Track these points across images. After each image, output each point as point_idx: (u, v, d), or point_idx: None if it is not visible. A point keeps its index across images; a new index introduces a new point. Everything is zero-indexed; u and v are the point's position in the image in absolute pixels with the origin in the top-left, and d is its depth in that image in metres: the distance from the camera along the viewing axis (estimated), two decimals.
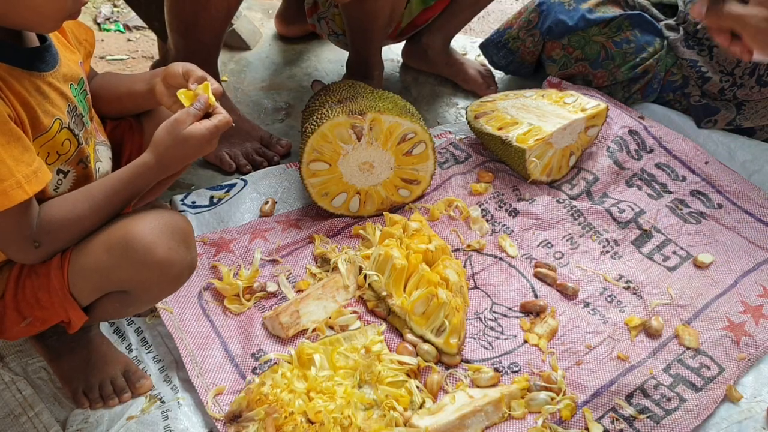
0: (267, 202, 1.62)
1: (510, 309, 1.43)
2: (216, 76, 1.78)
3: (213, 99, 1.11)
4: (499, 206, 1.65)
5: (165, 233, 1.04)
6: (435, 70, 2.12)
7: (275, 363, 1.27)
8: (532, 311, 1.41)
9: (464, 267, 1.49)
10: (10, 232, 0.99)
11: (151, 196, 1.32)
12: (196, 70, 1.15)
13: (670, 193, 1.70)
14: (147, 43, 2.38)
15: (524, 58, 2.02)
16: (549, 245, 1.56)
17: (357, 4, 1.73)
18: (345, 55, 1.98)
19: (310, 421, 1.15)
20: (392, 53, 2.21)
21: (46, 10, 0.95)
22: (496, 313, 1.42)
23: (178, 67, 1.16)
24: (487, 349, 1.34)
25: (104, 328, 1.34)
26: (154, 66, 1.87)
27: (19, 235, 1.00)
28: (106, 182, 1.07)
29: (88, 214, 1.05)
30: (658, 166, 1.76)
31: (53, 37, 1.08)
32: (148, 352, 1.33)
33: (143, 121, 1.29)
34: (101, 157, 1.18)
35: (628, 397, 1.26)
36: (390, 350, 1.31)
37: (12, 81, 0.97)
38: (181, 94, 1.11)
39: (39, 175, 0.96)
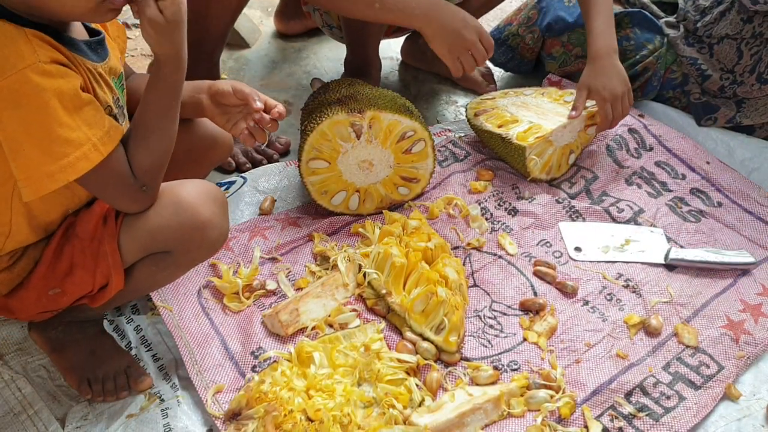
0: (266, 200, 1.62)
1: (509, 307, 1.43)
2: (217, 71, 1.78)
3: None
4: (499, 204, 1.65)
5: (208, 198, 1.13)
6: (434, 69, 2.11)
7: (275, 361, 1.27)
8: (531, 309, 1.42)
9: (463, 265, 1.49)
10: (114, 187, 1.06)
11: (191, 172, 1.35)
12: (245, 87, 1.21)
13: (670, 191, 1.70)
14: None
15: (524, 55, 2.02)
16: (548, 244, 1.56)
17: None
18: (344, 53, 1.98)
19: (309, 419, 1.15)
20: (391, 51, 2.21)
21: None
22: (495, 311, 1.42)
23: (227, 85, 1.22)
24: (486, 347, 1.35)
25: (104, 326, 1.34)
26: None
27: (123, 187, 1.06)
28: (140, 106, 1.09)
29: (161, 142, 1.09)
30: (657, 164, 1.76)
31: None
32: (148, 351, 1.33)
33: None
34: None
35: (628, 395, 1.26)
36: (389, 348, 1.31)
37: (79, 62, 1.02)
38: None
39: (111, 134, 1.02)
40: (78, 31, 1.07)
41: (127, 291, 1.17)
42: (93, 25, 1.11)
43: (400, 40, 2.20)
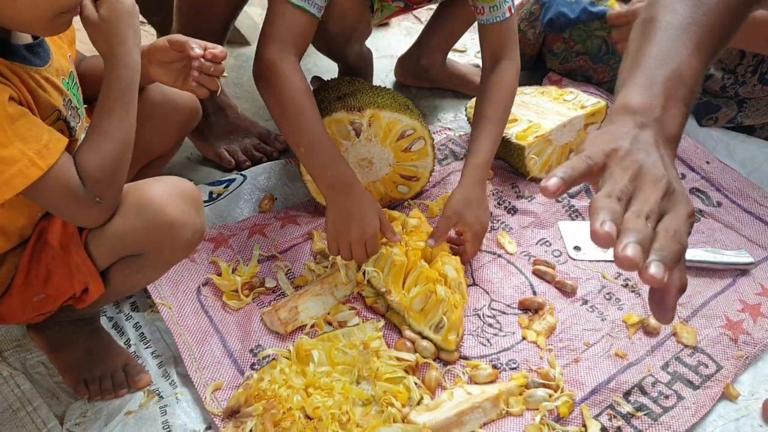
0: (266, 198, 1.62)
1: (508, 306, 1.43)
2: None
3: None
4: (498, 203, 1.65)
5: (176, 196, 1.08)
6: (436, 85, 2.07)
7: (274, 359, 1.27)
8: (530, 308, 1.42)
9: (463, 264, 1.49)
10: (62, 200, 1.01)
11: (158, 166, 1.36)
12: (180, 36, 1.14)
13: None
14: (145, 38, 2.37)
15: (525, 51, 2.01)
16: (547, 243, 1.57)
17: None
18: None
19: (308, 417, 1.16)
20: (391, 49, 2.20)
21: (28, 13, 0.94)
22: (494, 309, 1.42)
23: (162, 41, 1.16)
24: (485, 345, 1.35)
25: (103, 323, 1.34)
26: None
27: (73, 200, 1.01)
28: (96, 110, 1.06)
29: (106, 144, 1.04)
30: None
31: None
32: (147, 348, 1.33)
33: None
34: None
35: (626, 395, 1.26)
36: (388, 346, 1.31)
37: (18, 71, 0.98)
38: None
39: (50, 147, 0.97)
40: (19, 34, 1.03)
41: (108, 293, 1.16)
42: None
43: (399, 38, 2.20)
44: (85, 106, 1.18)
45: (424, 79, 2.06)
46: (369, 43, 1.87)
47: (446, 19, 1.90)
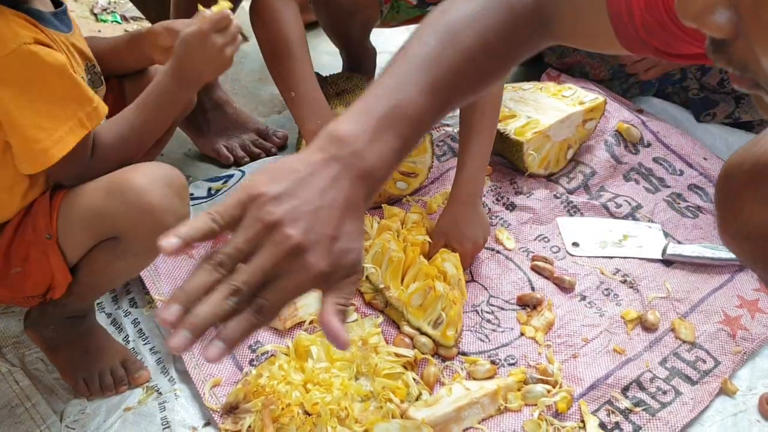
0: None
1: (507, 302, 1.43)
2: None
3: (229, 4, 1.14)
4: (497, 199, 1.65)
5: (160, 181, 1.08)
6: None
7: (272, 355, 1.27)
8: (528, 304, 1.42)
9: None
10: (70, 159, 1.04)
11: (151, 154, 1.37)
12: (177, 23, 1.19)
13: (668, 187, 1.70)
14: None
15: None
16: (546, 239, 1.57)
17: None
18: None
19: (306, 413, 1.16)
20: (390, 45, 2.20)
21: None
22: (493, 305, 1.42)
23: (157, 26, 1.21)
24: (483, 341, 1.35)
25: (101, 320, 1.34)
26: None
27: (77, 161, 1.06)
28: (136, 101, 1.13)
29: (129, 134, 1.11)
30: (655, 160, 1.76)
31: None
32: (145, 344, 1.33)
33: (126, 84, 1.32)
34: None
35: (624, 390, 1.27)
36: (387, 342, 1.31)
37: (53, 37, 1.02)
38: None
39: (99, 110, 1.04)
40: (43, 3, 1.06)
41: (93, 282, 1.16)
42: None
43: (398, 34, 2.20)
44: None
45: None
46: None
47: None
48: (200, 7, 1.14)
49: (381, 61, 1.98)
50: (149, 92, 1.13)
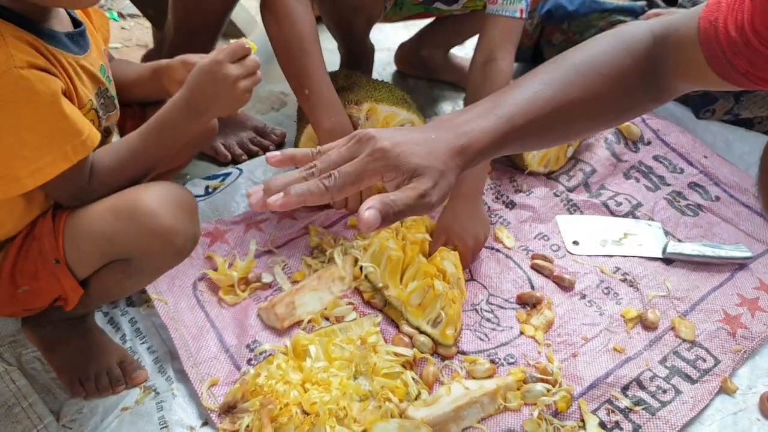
0: None
1: (506, 300, 1.42)
2: None
3: (254, 46, 1.11)
4: (497, 197, 1.64)
5: (171, 202, 1.06)
6: (435, 77, 2.07)
7: (270, 354, 1.27)
8: (528, 303, 1.41)
9: None
10: (62, 186, 1.03)
11: (168, 175, 1.37)
12: (194, 56, 1.17)
13: (668, 185, 1.70)
14: (141, 31, 2.36)
15: (522, 42, 1.99)
16: (546, 238, 1.56)
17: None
18: None
19: (305, 413, 1.15)
20: (389, 42, 2.19)
21: None
22: (492, 304, 1.41)
23: (176, 60, 1.19)
24: (483, 340, 1.34)
25: (98, 319, 1.33)
26: (148, 54, 1.86)
27: (71, 187, 1.05)
28: (141, 127, 1.11)
29: (129, 159, 1.09)
30: (655, 158, 1.75)
31: (83, 21, 1.10)
32: (143, 343, 1.32)
33: (147, 111, 1.30)
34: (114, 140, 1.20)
35: (624, 389, 1.26)
36: (386, 341, 1.30)
37: (57, 56, 0.99)
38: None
39: (87, 143, 1.01)
40: (60, 22, 1.04)
41: (99, 295, 1.15)
42: (76, 14, 1.09)
43: (397, 31, 2.19)
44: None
45: (423, 70, 2.05)
46: None
47: (453, 23, 1.90)
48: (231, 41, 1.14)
49: (379, 58, 1.97)
50: (155, 119, 1.10)
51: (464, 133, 0.77)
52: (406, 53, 2.05)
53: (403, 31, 2.17)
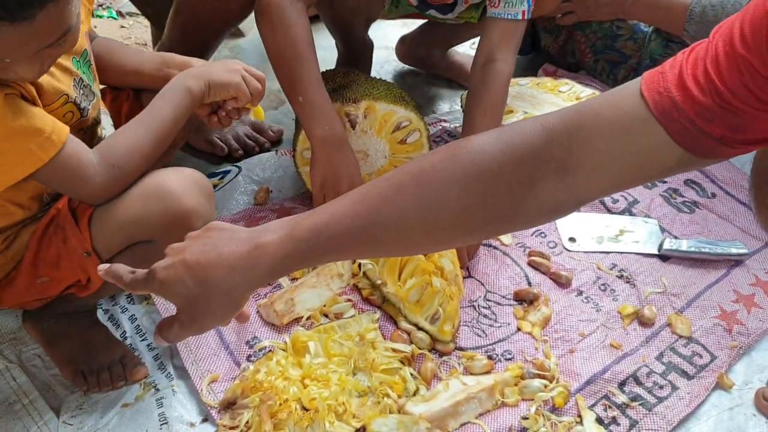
0: (261, 190, 1.62)
1: (504, 297, 1.43)
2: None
3: (261, 113, 1.30)
4: None
5: (193, 186, 1.11)
6: (433, 72, 2.08)
7: (270, 350, 1.28)
8: (525, 299, 1.42)
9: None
10: (68, 183, 1.05)
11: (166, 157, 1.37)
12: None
13: (664, 182, 1.71)
14: (140, 29, 2.36)
15: None
16: (543, 235, 1.57)
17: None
18: None
19: (304, 408, 1.16)
20: (387, 40, 2.20)
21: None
22: (489, 301, 1.42)
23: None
24: (480, 336, 1.35)
25: (99, 315, 1.33)
26: None
27: (79, 180, 1.05)
28: (151, 106, 1.14)
29: (145, 140, 1.11)
30: None
31: None
32: (143, 340, 1.32)
33: (143, 96, 1.30)
34: (105, 125, 1.21)
35: (621, 385, 1.27)
36: (384, 338, 1.31)
37: None
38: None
39: (53, 138, 1.01)
40: None
41: None
42: None
43: (395, 29, 2.19)
44: (103, 86, 1.20)
45: (422, 65, 2.06)
46: None
47: (451, 26, 1.90)
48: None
49: (377, 55, 1.98)
50: (165, 93, 1.14)
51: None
52: (406, 46, 2.06)
53: (402, 28, 2.18)
